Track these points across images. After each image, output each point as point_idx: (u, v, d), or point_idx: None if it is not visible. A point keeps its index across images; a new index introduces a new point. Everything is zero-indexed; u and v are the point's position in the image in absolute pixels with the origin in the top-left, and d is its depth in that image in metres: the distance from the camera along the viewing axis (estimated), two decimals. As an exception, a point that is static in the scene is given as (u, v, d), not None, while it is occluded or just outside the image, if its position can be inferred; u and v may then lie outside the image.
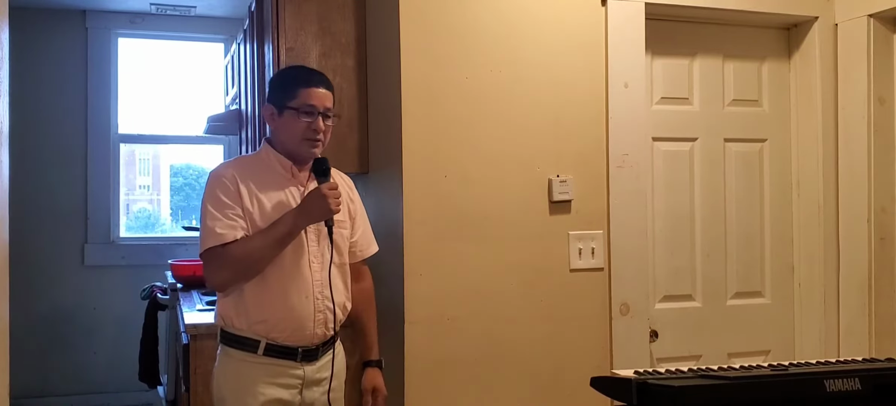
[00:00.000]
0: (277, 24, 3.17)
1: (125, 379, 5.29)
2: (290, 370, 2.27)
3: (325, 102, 2.29)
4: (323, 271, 2.28)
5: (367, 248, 2.52)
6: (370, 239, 2.53)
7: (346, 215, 2.40)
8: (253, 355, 2.25)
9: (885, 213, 3.10)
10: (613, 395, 1.84)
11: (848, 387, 1.68)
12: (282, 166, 2.32)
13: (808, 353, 3.19)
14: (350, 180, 2.52)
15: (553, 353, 2.88)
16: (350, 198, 2.45)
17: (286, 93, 2.28)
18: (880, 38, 3.09)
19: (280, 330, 2.25)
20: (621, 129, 2.95)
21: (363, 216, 2.51)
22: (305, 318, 2.25)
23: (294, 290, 2.24)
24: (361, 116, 3.22)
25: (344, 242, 2.37)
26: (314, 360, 2.30)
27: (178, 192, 6.29)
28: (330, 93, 2.33)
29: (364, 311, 2.50)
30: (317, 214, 2.23)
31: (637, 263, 2.98)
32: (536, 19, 2.88)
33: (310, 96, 2.27)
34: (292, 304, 2.24)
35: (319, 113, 2.27)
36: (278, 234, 2.21)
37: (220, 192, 2.24)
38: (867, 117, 3.08)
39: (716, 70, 3.24)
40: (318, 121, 2.27)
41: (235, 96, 4.68)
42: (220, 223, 2.22)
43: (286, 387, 2.27)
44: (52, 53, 5.42)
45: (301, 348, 2.26)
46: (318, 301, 2.26)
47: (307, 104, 2.26)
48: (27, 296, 5.21)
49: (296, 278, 2.25)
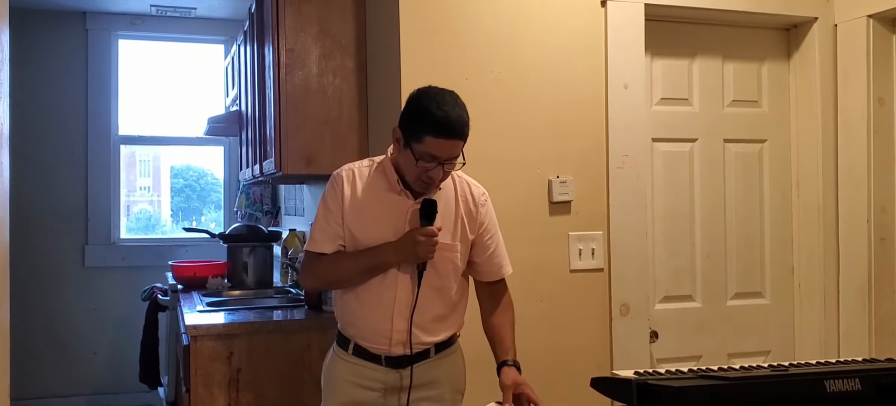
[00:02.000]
0: (277, 25, 3.18)
1: (126, 380, 5.30)
2: (374, 374, 2.27)
3: (451, 152, 2.11)
4: (411, 294, 2.21)
5: (502, 269, 2.35)
6: (500, 261, 2.35)
7: (456, 237, 2.26)
8: (345, 353, 2.31)
9: (884, 213, 3.10)
10: (613, 396, 1.84)
11: (848, 387, 1.69)
12: (392, 184, 2.23)
13: (808, 353, 3.20)
14: (481, 195, 2.32)
15: (553, 354, 2.88)
16: (469, 214, 2.28)
17: (414, 132, 2.10)
18: (880, 38, 3.09)
19: (361, 338, 2.28)
20: (621, 130, 2.95)
21: (495, 235, 2.33)
22: (381, 334, 2.24)
23: (375, 307, 2.24)
24: (361, 117, 3.22)
25: (447, 265, 2.25)
26: (400, 367, 2.26)
27: (179, 194, 6.29)
28: (460, 141, 2.11)
29: (499, 320, 2.35)
30: (409, 256, 2.16)
31: (637, 264, 2.98)
32: (536, 20, 2.89)
33: (438, 148, 2.09)
34: (372, 320, 2.24)
35: (442, 162, 2.12)
36: (368, 265, 2.20)
37: (329, 198, 2.25)
38: (867, 118, 3.08)
39: (715, 71, 3.24)
40: (436, 170, 2.13)
41: (236, 97, 4.69)
42: (321, 230, 2.25)
43: (368, 389, 2.28)
44: (52, 55, 5.43)
45: (384, 356, 2.27)
46: (397, 321, 2.22)
47: (429, 154, 2.10)
48: (28, 297, 5.22)
49: (378, 297, 2.23)
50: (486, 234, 2.32)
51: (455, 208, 2.26)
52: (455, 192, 2.28)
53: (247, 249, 4.35)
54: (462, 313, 2.37)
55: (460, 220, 2.27)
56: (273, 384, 2.96)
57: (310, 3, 3.19)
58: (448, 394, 2.34)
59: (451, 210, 2.25)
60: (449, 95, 2.13)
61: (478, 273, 2.36)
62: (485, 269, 2.34)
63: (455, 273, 2.28)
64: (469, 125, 2.14)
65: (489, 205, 2.34)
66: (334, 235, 2.24)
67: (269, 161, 3.38)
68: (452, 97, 2.13)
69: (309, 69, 3.19)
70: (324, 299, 3.25)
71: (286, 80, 3.17)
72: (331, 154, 3.17)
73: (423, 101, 2.12)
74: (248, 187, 5.26)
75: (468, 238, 2.29)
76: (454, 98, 2.13)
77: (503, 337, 2.33)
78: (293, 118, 3.17)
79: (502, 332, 2.34)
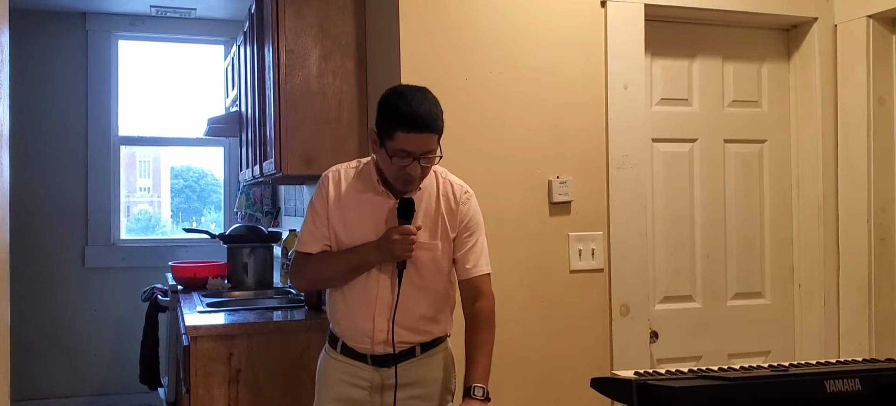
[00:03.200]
0: (277, 25, 3.18)
1: (126, 381, 5.30)
2: (361, 372, 2.29)
3: (425, 147, 2.11)
4: (393, 294, 2.23)
5: (474, 269, 2.28)
6: (477, 259, 2.28)
7: (437, 236, 2.26)
8: (334, 351, 2.35)
9: (884, 213, 3.10)
10: (614, 396, 1.85)
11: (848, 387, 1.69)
12: (372, 180, 2.26)
13: (809, 353, 3.20)
14: (463, 193, 2.30)
15: (553, 354, 2.89)
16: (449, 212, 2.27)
17: (386, 129, 2.12)
18: (879, 38, 3.09)
19: (347, 337, 2.31)
20: (621, 131, 2.95)
21: (474, 234, 2.29)
22: (364, 334, 2.27)
23: (358, 307, 2.27)
24: (361, 117, 3.22)
25: (429, 265, 2.25)
26: (386, 366, 2.27)
27: (179, 194, 6.29)
28: (432, 135, 2.11)
29: (471, 336, 2.27)
30: (387, 255, 2.19)
31: (637, 264, 2.98)
32: (536, 21, 2.89)
33: (407, 142, 2.09)
34: (355, 319, 2.28)
35: (416, 157, 2.12)
36: (350, 264, 2.24)
37: (316, 200, 2.30)
38: (867, 118, 3.08)
39: (715, 71, 3.24)
40: (413, 166, 2.13)
41: (236, 98, 4.69)
42: (308, 232, 2.30)
43: (357, 386, 2.30)
44: (52, 56, 5.43)
45: (370, 355, 2.29)
46: (379, 321, 2.24)
47: (402, 150, 2.10)
48: (28, 298, 5.22)
49: (362, 296, 2.26)
50: (465, 231, 2.29)
51: (436, 207, 2.27)
52: (437, 190, 2.28)
53: (247, 250, 4.36)
54: (451, 313, 2.37)
55: (441, 219, 2.27)
56: (273, 385, 2.96)
57: (310, 3, 3.19)
58: (437, 393, 2.34)
59: (433, 209, 2.27)
60: (418, 91, 2.14)
61: (455, 271, 2.33)
62: (459, 265, 2.30)
63: (439, 272, 2.28)
64: (441, 119, 2.14)
65: (472, 203, 2.31)
66: (320, 236, 2.28)
67: (269, 162, 3.39)
68: (422, 93, 2.14)
69: (309, 70, 3.20)
70: (323, 300, 3.25)
71: (286, 81, 3.17)
72: (331, 154, 3.17)
73: (392, 98, 2.14)
74: (248, 188, 5.26)
75: (449, 237, 2.28)
76: (423, 93, 2.14)
77: (473, 360, 2.24)
78: (293, 119, 3.18)
79: (473, 355, 2.25)
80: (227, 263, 4.41)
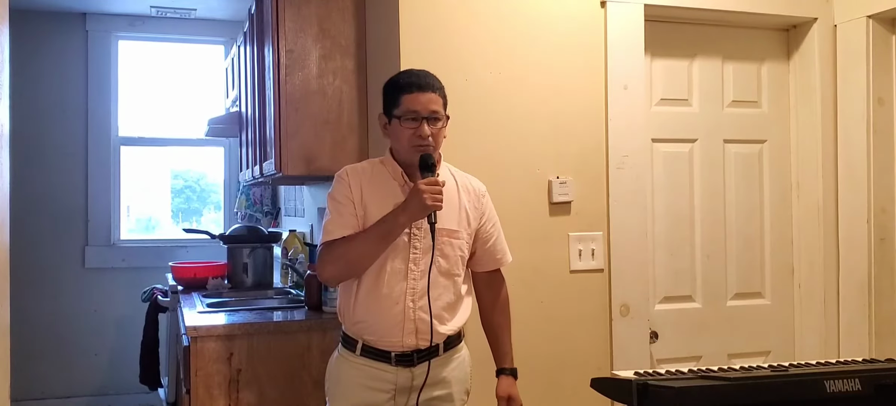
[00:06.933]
0: (277, 26, 3.18)
1: (126, 381, 5.30)
2: (383, 374, 2.25)
3: (429, 106, 2.21)
4: (422, 280, 2.23)
5: (503, 257, 2.43)
6: (504, 248, 2.43)
7: (463, 225, 2.31)
8: (352, 355, 2.29)
9: (884, 213, 3.10)
10: (614, 396, 1.85)
11: (848, 387, 1.69)
12: (395, 174, 2.28)
13: (809, 353, 3.20)
14: (481, 188, 2.40)
15: (553, 354, 2.89)
16: (472, 204, 2.35)
17: (391, 101, 2.25)
18: (879, 39, 3.09)
19: (371, 332, 2.26)
20: (621, 131, 2.95)
21: (496, 225, 2.41)
22: (393, 325, 2.23)
23: (386, 296, 2.23)
24: (361, 118, 3.23)
25: (456, 253, 2.29)
26: (411, 365, 2.25)
27: (179, 195, 6.29)
28: (436, 95, 2.24)
29: (497, 320, 2.44)
30: (417, 210, 2.16)
31: (637, 264, 2.98)
32: (536, 21, 2.89)
33: (412, 102, 2.21)
34: (382, 310, 2.23)
35: (424, 117, 2.21)
36: (380, 231, 2.19)
37: (337, 192, 2.29)
38: (866, 118, 3.08)
39: (715, 71, 3.24)
40: (422, 126, 2.20)
41: (236, 98, 4.69)
42: (332, 222, 2.26)
43: (378, 390, 2.26)
44: (52, 56, 5.43)
45: (394, 353, 2.25)
46: (411, 310, 2.22)
47: (411, 110, 2.20)
48: (28, 298, 5.22)
49: (390, 284, 2.23)
50: (489, 222, 2.39)
51: (458, 198, 2.32)
52: (457, 184, 2.35)
53: (247, 250, 4.36)
54: (468, 306, 2.38)
55: (463, 210, 2.32)
56: (273, 385, 2.96)
57: (310, 3, 3.19)
58: (456, 394, 2.35)
59: (455, 199, 2.31)
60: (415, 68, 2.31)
61: (478, 263, 2.40)
62: (487, 257, 2.40)
63: (462, 260, 2.32)
64: (442, 87, 2.28)
65: (489, 198, 2.42)
66: (348, 224, 2.24)
67: (269, 162, 3.39)
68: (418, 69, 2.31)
69: (309, 70, 3.20)
70: (324, 300, 3.25)
71: (286, 81, 3.18)
72: (331, 155, 3.17)
73: (389, 79, 2.31)
74: (248, 188, 5.26)
75: (470, 228, 2.33)
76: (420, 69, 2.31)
77: (502, 341, 2.44)
78: (293, 119, 3.18)
79: (501, 336, 2.44)
80: (227, 264, 4.41)
